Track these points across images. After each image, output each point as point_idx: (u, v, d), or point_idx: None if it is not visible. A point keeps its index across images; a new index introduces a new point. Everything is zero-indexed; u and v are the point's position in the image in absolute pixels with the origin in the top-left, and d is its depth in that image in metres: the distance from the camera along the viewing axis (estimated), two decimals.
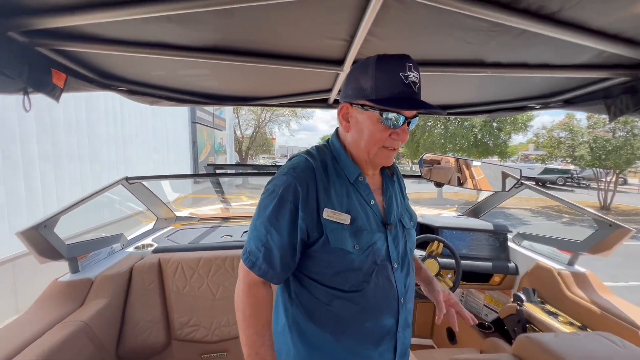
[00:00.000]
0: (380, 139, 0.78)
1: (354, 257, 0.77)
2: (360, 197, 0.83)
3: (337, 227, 0.77)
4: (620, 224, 1.53)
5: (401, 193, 0.98)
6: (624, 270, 5.73)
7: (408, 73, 0.73)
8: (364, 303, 0.80)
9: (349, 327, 0.80)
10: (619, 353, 0.86)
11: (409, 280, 0.90)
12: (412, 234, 0.94)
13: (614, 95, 1.31)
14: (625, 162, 10.65)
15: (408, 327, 0.91)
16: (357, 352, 0.81)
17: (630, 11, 0.83)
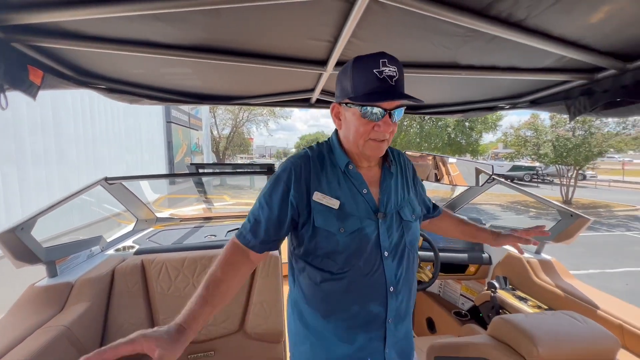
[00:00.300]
0: (364, 132, 0.83)
1: (338, 239, 0.83)
2: (352, 186, 0.88)
3: (325, 210, 0.84)
4: (580, 214, 1.68)
5: (407, 187, 0.98)
6: (584, 259, 6.19)
7: (382, 68, 0.77)
8: (350, 286, 0.85)
9: (338, 309, 0.86)
10: (580, 327, 0.97)
11: (403, 272, 0.89)
12: (413, 226, 0.93)
13: (574, 96, 1.43)
14: (584, 159, 11.45)
15: (401, 322, 0.90)
16: (346, 334, 0.86)
17: (586, 21, 0.93)
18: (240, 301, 1.65)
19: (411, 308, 0.96)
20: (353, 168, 0.90)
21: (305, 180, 0.86)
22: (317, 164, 0.89)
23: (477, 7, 0.90)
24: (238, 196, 11.68)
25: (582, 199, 13.68)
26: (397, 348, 0.91)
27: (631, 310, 1.40)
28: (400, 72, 0.80)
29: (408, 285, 0.91)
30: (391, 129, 0.83)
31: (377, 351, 0.87)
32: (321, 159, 0.91)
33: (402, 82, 0.81)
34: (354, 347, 0.86)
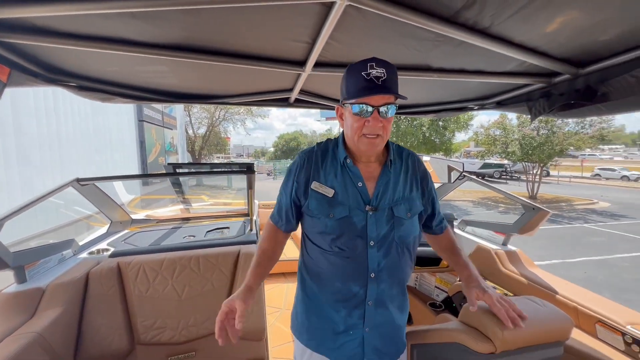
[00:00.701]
0: (358, 128, 0.92)
1: (327, 222, 0.96)
2: (348, 178, 0.98)
3: (319, 197, 0.98)
4: (540, 207, 1.81)
5: (409, 186, 1.01)
6: (547, 251, 6.61)
7: (370, 70, 0.87)
8: (336, 264, 0.97)
9: (326, 283, 1.00)
10: (539, 310, 1.06)
11: (386, 263, 0.96)
12: (405, 223, 0.97)
13: (534, 98, 1.55)
14: (547, 156, 12.20)
15: (382, 307, 0.97)
16: (331, 306, 0.99)
17: (543, 30, 1.01)
18: (221, 300, 1.63)
19: (398, 298, 1.01)
20: (350, 162, 0.99)
21: (306, 171, 1.01)
22: (319, 157, 1.03)
23: (446, 14, 0.96)
24: (217, 196, 11.46)
25: (546, 194, 14.55)
26: (379, 332, 0.98)
27: (585, 294, 1.54)
28: (389, 73, 0.88)
29: (392, 276, 0.97)
30: (381, 125, 0.90)
31: (357, 327, 0.97)
32: (325, 153, 1.04)
33: (391, 81, 0.88)
34: (336, 317, 0.99)
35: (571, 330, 1.03)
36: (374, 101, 0.88)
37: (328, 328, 1.00)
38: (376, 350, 0.99)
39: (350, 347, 0.98)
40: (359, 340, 0.98)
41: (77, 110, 7.39)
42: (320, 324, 1.02)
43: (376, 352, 0.99)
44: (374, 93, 0.86)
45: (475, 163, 21.76)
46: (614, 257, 6.21)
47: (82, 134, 7.59)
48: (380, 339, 0.99)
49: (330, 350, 1.00)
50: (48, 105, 6.35)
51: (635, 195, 14.96)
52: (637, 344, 1.24)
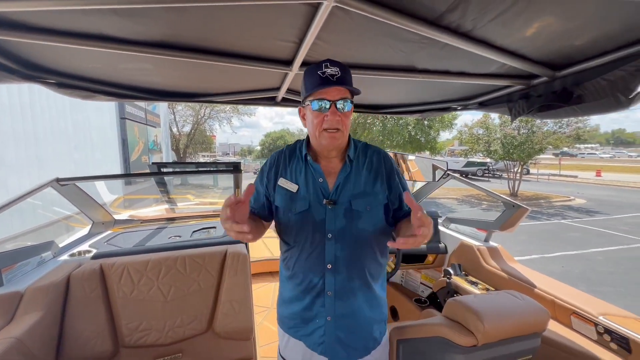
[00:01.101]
0: (318, 124, 0.97)
1: (290, 216, 1.03)
2: (311, 175, 1.04)
3: (284, 192, 1.05)
4: (520, 204, 1.88)
5: (372, 181, 1.03)
6: (527, 246, 6.84)
7: (325, 70, 0.94)
8: (300, 256, 1.04)
9: (293, 273, 1.07)
10: (518, 303, 1.11)
11: (343, 255, 1.00)
12: (364, 216, 1.00)
13: (514, 99, 1.60)
14: (527, 155, 12.59)
15: (343, 299, 1.01)
16: (299, 296, 1.06)
17: (522, 34, 1.05)
18: (208, 301, 1.64)
19: (363, 291, 1.03)
20: (311, 159, 1.05)
21: (275, 168, 1.09)
22: (287, 157, 1.10)
23: (430, 17, 0.98)
24: (202, 195, 11.28)
25: (526, 192, 15.03)
26: (343, 323, 1.02)
27: (562, 287, 1.61)
28: (343, 72, 0.95)
29: (351, 268, 1.01)
30: (339, 118, 0.95)
31: (320, 315, 1.03)
32: (292, 153, 1.10)
33: (345, 79, 0.95)
34: (302, 305, 1.05)
35: (548, 322, 1.08)
36: (330, 96, 0.94)
37: (299, 316, 1.07)
38: (339, 341, 1.03)
39: (318, 334, 1.04)
40: (323, 328, 1.03)
41: (54, 106, 7.11)
42: (293, 312, 1.08)
43: (340, 343, 1.03)
44: (330, 86, 0.93)
45: (459, 161, 22.23)
46: (589, 251, 6.49)
47: (60, 132, 7.32)
48: (344, 330, 1.03)
49: (304, 336, 1.07)
50: (23, 102, 6.08)
51: (609, 192, 15.66)
52: (608, 333, 1.31)
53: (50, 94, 6.74)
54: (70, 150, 7.76)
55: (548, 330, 1.38)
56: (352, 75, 1.02)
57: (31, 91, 6.25)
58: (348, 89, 0.96)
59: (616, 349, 1.27)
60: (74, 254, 1.68)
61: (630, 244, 6.99)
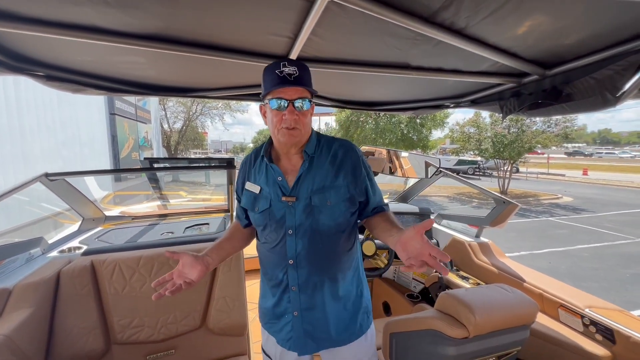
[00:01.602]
0: (277, 122, 0.99)
1: (255, 215, 1.08)
2: (271, 174, 1.07)
3: (249, 194, 1.10)
4: (510, 200, 1.92)
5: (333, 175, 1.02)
6: (516, 243, 6.97)
7: (282, 69, 0.96)
8: (265, 252, 1.09)
9: (264, 270, 1.13)
10: (508, 296, 1.13)
11: (304, 250, 1.01)
12: (325, 211, 1.00)
13: (505, 97, 1.63)
14: (517, 154, 12.81)
15: (307, 294, 1.03)
16: (270, 291, 1.11)
17: (514, 33, 1.07)
18: (202, 297, 1.63)
19: (328, 285, 1.04)
20: (267, 160, 1.07)
21: (243, 173, 1.16)
22: (252, 160, 1.15)
23: (425, 14, 0.99)
24: (194, 192, 11.18)
25: (515, 190, 15.30)
26: (309, 317, 1.05)
27: (550, 281, 1.65)
28: (300, 71, 0.97)
29: (313, 263, 1.02)
30: (296, 117, 0.97)
31: (288, 311, 1.06)
32: (257, 155, 1.14)
33: (302, 78, 0.97)
34: (273, 301, 1.09)
35: (536, 314, 1.11)
36: (288, 95, 0.96)
37: (271, 312, 1.11)
38: (307, 334, 1.05)
39: (286, 330, 1.07)
40: (291, 324, 1.06)
41: (41, 101, 6.93)
42: (266, 309, 1.13)
43: (308, 335, 1.05)
44: (286, 85, 0.95)
45: (451, 160, 22.45)
46: (576, 247, 6.65)
47: (47, 127, 7.14)
48: (311, 324, 1.05)
49: (275, 332, 1.11)
50: (9, 95, 5.92)
51: (595, 190, 16.04)
52: (593, 325, 1.35)
53: (37, 88, 6.56)
54: (58, 147, 7.59)
55: (536, 322, 1.42)
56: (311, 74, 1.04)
57: (17, 84, 6.08)
58: (306, 89, 0.98)
59: (601, 340, 1.32)
60: (64, 250, 1.65)
61: (615, 240, 7.19)
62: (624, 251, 6.41)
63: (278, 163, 1.08)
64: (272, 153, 1.11)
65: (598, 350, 1.28)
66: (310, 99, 1.00)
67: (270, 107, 0.99)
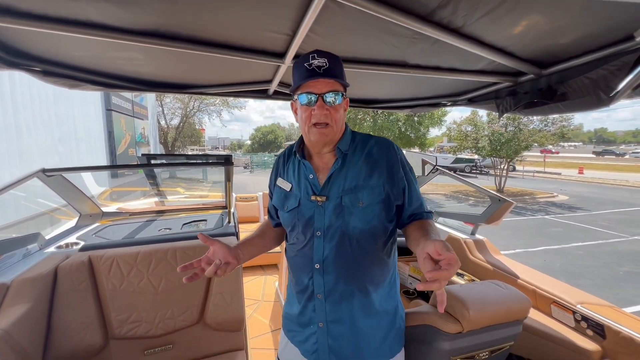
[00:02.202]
0: (306, 119, 0.93)
1: (283, 214, 1.05)
2: (302, 172, 1.02)
3: (280, 192, 1.06)
4: (505, 198, 1.94)
5: (368, 174, 0.94)
6: (511, 241, 7.03)
7: (312, 61, 0.89)
8: (292, 254, 1.04)
9: (291, 274, 1.08)
10: (502, 292, 1.15)
11: (332, 253, 0.93)
12: (356, 212, 0.92)
13: (502, 96, 1.64)
14: (514, 152, 12.88)
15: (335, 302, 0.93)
16: (295, 297, 1.05)
17: (510, 32, 1.08)
18: (199, 293, 1.64)
19: (357, 297, 0.94)
20: (299, 157, 1.03)
21: (276, 170, 1.12)
22: (286, 156, 1.11)
23: (422, 13, 1.00)
24: (194, 188, 11.15)
25: (512, 188, 15.39)
26: (334, 330, 0.94)
27: (543, 278, 1.68)
28: (331, 63, 0.90)
29: (340, 268, 0.93)
30: (326, 112, 0.90)
31: (313, 321, 0.98)
32: (290, 151, 1.10)
33: (333, 70, 0.90)
34: (298, 308, 1.02)
35: (529, 309, 1.13)
36: (317, 89, 0.90)
37: (296, 320, 1.03)
38: (332, 350, 0.95)
39: (311, 342, 0.98)
40: (316, 335, 0.97)
41: (37, 96, 6.87)
42: (291, 316, 1.06)
43: (332, 352, 0.95)
44: (316, 78, 0.88)
45: (448, 158, 22.52)
46: (570, 245, 6.72)
47: (43, 123, 7.08)
48: (336, 339, 0.95)
49: (299, 342, 1.03)
50: (3, 90, 5.86)
51: (591, 189, 16.18)
52: (585, 320, 1.37)
53: (32, 83, 6.48)
54: (54, 143, 7.53)
55: (529, 318, 1.44)
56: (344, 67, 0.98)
57: (12, 79, 6.02)
58: (337, 81, 0.90)
59: (592, 335, 1.34)
60: (61, 246, 1.66)
61: (609, 238, 7.26)
62: (618, 249, 6.48)
63: (310, 160, 1.02)
64: (305, 150, 1.05)
65: (589, 345, 1.31)
66: (343, 92, 0.93)
67: (300, 102, 0.93)
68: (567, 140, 14.33)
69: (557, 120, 12.55)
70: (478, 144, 13.51)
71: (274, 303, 2.68)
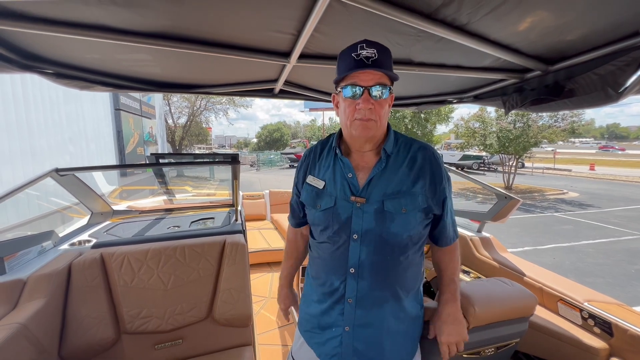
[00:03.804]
0: (350, 112, 0.88)
1: (315, 213, 0.98)
2: (339, 169, 0.96)
3: (311, 189, 1.00)
4: (512, 196, 1.93)
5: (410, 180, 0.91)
6: (520, 238, 6.95)
7: (360, 52, 0.84)
8: (323, 255, 0.99)
9: (316, 274, 1.02)
10: (508, 289, 1.15)
11: (369, 259, 0.90)
12: (397, 219, 0.89)
13: (508, 93, 1.63)
14: (522, 149, 12.69)
15: (365, 308, 0.91)
16: (319, 299, 1.00)
17: (516, 29, 1.08)
18: (208, 289, 1.67)
19: (389, 303, 0.92)
20: (340, 152, 0.96)
21: (305, 166, 1.06)
22: (318, 151, 1.05)
23: (426, 11, 1.00)
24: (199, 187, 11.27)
25: (520, 185, 15.19)
26: (362, 334, 0.92)
27: (550, 276, 1.67)
28: (380, 54, 0.84)
29: (376, 274, 0.91)
30: (370, 106, 0.85)
31: (338, 324, 0.94)
32: (324, 146, 1.05)
33: (383, 62, 0.84)
34: (321, 309, 0.98)
35: (535, 306, 1.13)
36: (364, 81, 0.84)
37: (316, 321, 0.99)
38: (357, 353, 0.93)
39: (331, 345, 0.95)
40: (339, 338, 0.94)
41: (47, 97, 7.01)
42: (310, 316, 1.02)
43: (357, 355, 0.93)
44: (364, 69, 0.83)
45: (455, 155, 22.33)
46: (580, 243, 6.62)
47: (53, 123, 7.23)
48: (363, 342, 0.92)
49: (316, 344, 0.99)
50: (16, 92, 5.99)
51: (602, 185, 15.88)
52: (592, 318, 1.37)
53: (43, 85, 6.60)
54: (65, 142, 7.68)
55: (536, 315, 1.44)
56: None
57: (24, 81, 6.16)
58: (386, 73, 0.85)
59: (599, 332, 1.34)
60: (74, 243, 1.70)
61: (621, 236, 7.13)
62: (630, 247, 6.36)
63: (349, 157, 0.96)
64: (343, 146, 0.99)
65: (596, 342, 1.30)
66: (391, 86, 0.87)
67: (344, 95, 0.87)
68: (577, 136, 14.06)
69: (567, 115, 12.32)
70: (486, 140, 13.35)
71: None
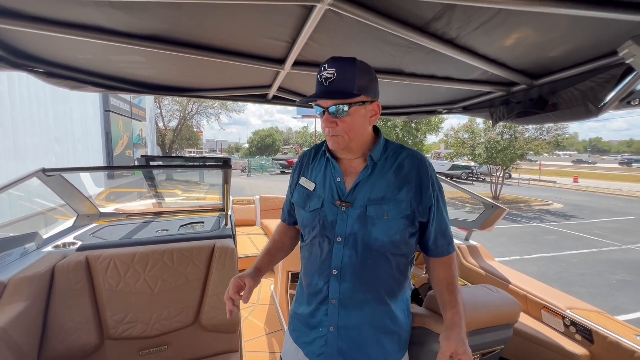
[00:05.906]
0: (324, 128, 0.94)
1: (304, 214, 1.02)
2: (330, 173, 1.01)
3: (302, 190, 1.05)
4: (498, 205, 1.98)
5: (396, 186, 0.93)
6: (507, 247, 7.08)
7: (322, 72, 0.89)
8: (310, 256, 1.02)
9: (304, 275, 1.05)
10: (493, 296, 1.18)
11: (351, 261, 0.92)
12: (379, 224, 0.91)
13: (495, 105, 1.68)
14: (509, 160, 12.99)
15: (348, 309, 0.93)
16: (306, 299, 1.03)
17: (502, 44, 1.12)
18: (195, 294, 1.65)
19: (369, 305, 0.94)
20: (330, 156, 1.00)
21: (299, 168, 1.10)
22: (312, 154, 1.10)
23: (418, 24, 1.04)
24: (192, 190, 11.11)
25: (507, 195, 15.50)
26: (346, 335, 0.95)
27: (534, 284, 1.71)
28: (339, 73, 0.86)
29: (358, 278, 0.93)
30: (333, 125, 0.90)
31: (323, 324, 0.97)
32: (318, 150, 1.09)
33: (340, 81, 0.86)
34: (308, 310, 1.00)
35: (520, 313, 1.16)
36: (323, 103, 0.90)
37: (304, 321, 1.02)
38: (342, 352, 0.95)
39: (318, 344, 0.98)
40: (325, 338, 0.96)
41: (34, 95, 6.86)
42: (299, 316, 1.04)
43: (342, 354, 0.95)
44: (319, 97, 0.89)
45: (445, 164, 22.68)
46: (564, 253, 6.77)
47: (39, 122, 7.06)
48: (347, 342, 0.95)
49: (304, 343, 1.01)
50: (2, 90, 5.86)
51: (585, 197, 16.33)
52: (574, 325, 1.40)
53: (30, 82, 6.45)
54: (51, 142, 7.50)
55: (520, 322, 1.47)
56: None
57: (10, 79, 6.02)
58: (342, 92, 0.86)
59: (580, 339, 1.37)
60: (59, 245, 1.66)
61: (603, 247, 7.33)
62: (612, 257, 6.55)
63: (339, 162, 1.00)
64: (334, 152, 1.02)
65: (577, 349, 1.33)
66: (350, 103, 0.88)
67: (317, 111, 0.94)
68: (562, 148, 14.49)
69: (552, 129, 12.69)
70: (474, 151, 13.61)
71: (269, 307, 2.68)
